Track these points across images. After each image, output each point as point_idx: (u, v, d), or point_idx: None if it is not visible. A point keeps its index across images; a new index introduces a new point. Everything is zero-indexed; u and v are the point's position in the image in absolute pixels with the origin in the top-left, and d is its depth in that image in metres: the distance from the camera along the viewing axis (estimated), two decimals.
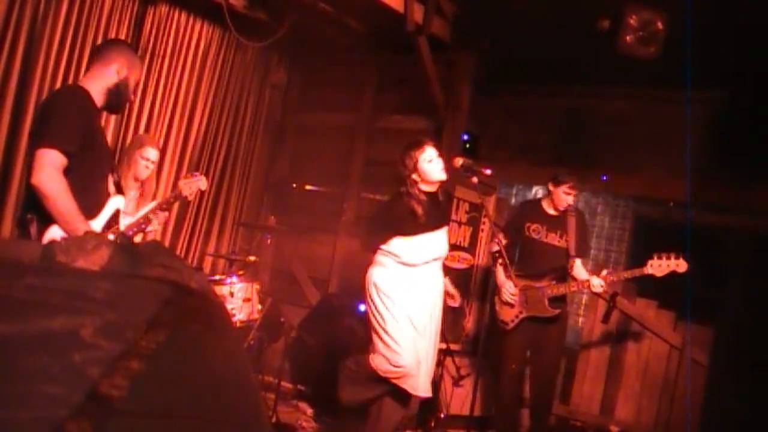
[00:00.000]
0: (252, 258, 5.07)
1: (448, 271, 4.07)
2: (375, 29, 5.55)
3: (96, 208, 2.97)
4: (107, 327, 0.81)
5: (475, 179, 3.87)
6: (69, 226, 2.74)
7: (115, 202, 3.08)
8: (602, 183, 5.59)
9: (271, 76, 6.41)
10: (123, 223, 3.24)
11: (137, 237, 3.42)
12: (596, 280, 4.39)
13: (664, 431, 5.03)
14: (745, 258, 5.02)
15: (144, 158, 4.21)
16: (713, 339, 4.98)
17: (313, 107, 6.46)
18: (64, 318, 0.81)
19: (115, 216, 3.07)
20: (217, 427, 0.84)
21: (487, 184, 5.29)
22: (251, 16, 5.44)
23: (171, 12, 5.38)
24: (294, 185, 6.43)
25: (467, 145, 5.58)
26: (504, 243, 4.29)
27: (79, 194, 2.80)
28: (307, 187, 6.30)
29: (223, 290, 4.47)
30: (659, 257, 4.28)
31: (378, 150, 5.90)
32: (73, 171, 2.80)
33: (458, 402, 5.19)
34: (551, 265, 4.56)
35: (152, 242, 1.21)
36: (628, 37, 4.59)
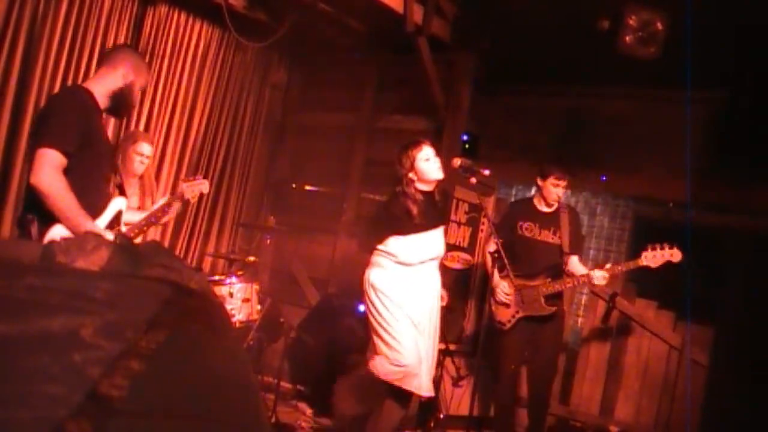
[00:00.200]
0: (251, 258, 5.07)
1: (447, 272, 4.07)
2: (375, 29, 5.55)
3: (97, 207, 2.97)
4: (107, 327, 0.81)
5: (473, 179, 3.87)
6: (71, 222, 2.75)
7: (117, 204, 3.08)
8: (602, 183, 5.59)
9: (271, 76, 6.41)
10: (130, 219, 3.27)
11: (139, 237, 3.43)
12: (599, 272, 4.35)
13: (664, 431, 5.03)
14: (745, 258, 5.02)
15: (138, 153, 4.20)
16: (713, 339, 4.98)
17: (313, 107, 6.46)
18: (64, 318, 0.81)
19: (117, 217, 3.07)
20: (217, 427, 0.84)
21: (486, 185, 5.29)
22: (251, 17, 5.44)
23: (170, 12, 5.38)
24: (294, 185, 6.43)
25: (467, 145, 5.58)
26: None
27: (79, 194, 2.80)
28: (307, 187, 6.30)
29: (222, 291, 4.47)
30: (653, 248, 4.28)
31: (378, 150, 5.90)
32: (72, 171, 2.80)
33: (458, 402, 5.20)
34: (546, 263, 4.55)
35: (152, 242, 1.21)
36: (627, 37, 4.59)
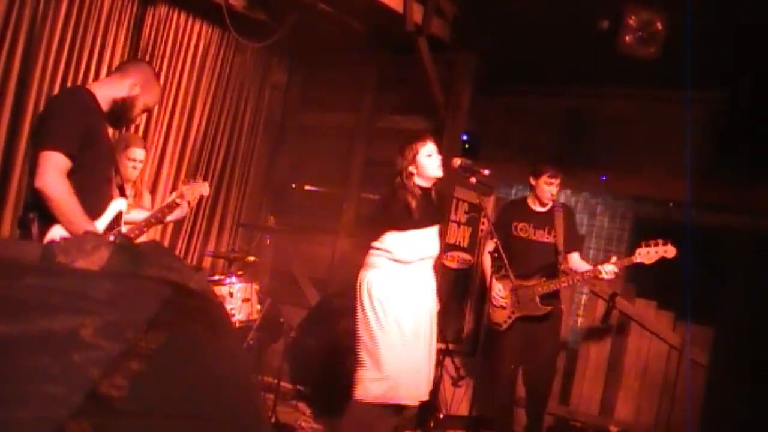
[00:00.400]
0: (251, 258, 5.06)
1: (446, 272, 4.05)
2: (375, 29, 5.55)
3: (98, 209, 2.96)
4: (107, 327, 0.81)
5: (473, 179, 3.86)
6: (73, 227, 2.75)
7: (118, 205, 3.08)
8: (602, 183, 5.59)
9: (271, 76, 6.41)
10: (134, 218, 3.27)
11: (142, 236, 3.43)
12: (609, 266, 4.28)
13: (664, 431, 5.03)
14: (745, 258, 5.02)
15: (131, 159, 4.13)
16: (713, 339, 4.98)
17: (313, 107, 6.46)
18: (64, 318, 0.81)
19: (118, 218, 3.07)
20: (217, 427, 0.84)
21: (486, 185, 5.29)
22: (251, 17, 5.43)
23: (170, 12, 5.38)
24: (294, 185, 6.43)
25: (467, 145, 5.58)
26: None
27: (80, 195, 2.80)
28: (307, 188, 6.30)
29: (222, 290, 4.46)
30: (647, 244, 4.24)
31: (378, 150, 5.89)
32: (74, 172, 2.80)
33: (457, 402, 5.20)
34: (540, 262, 4.53)
35: (152, 242, 1.21)
36: (627, 38, 4.59)
